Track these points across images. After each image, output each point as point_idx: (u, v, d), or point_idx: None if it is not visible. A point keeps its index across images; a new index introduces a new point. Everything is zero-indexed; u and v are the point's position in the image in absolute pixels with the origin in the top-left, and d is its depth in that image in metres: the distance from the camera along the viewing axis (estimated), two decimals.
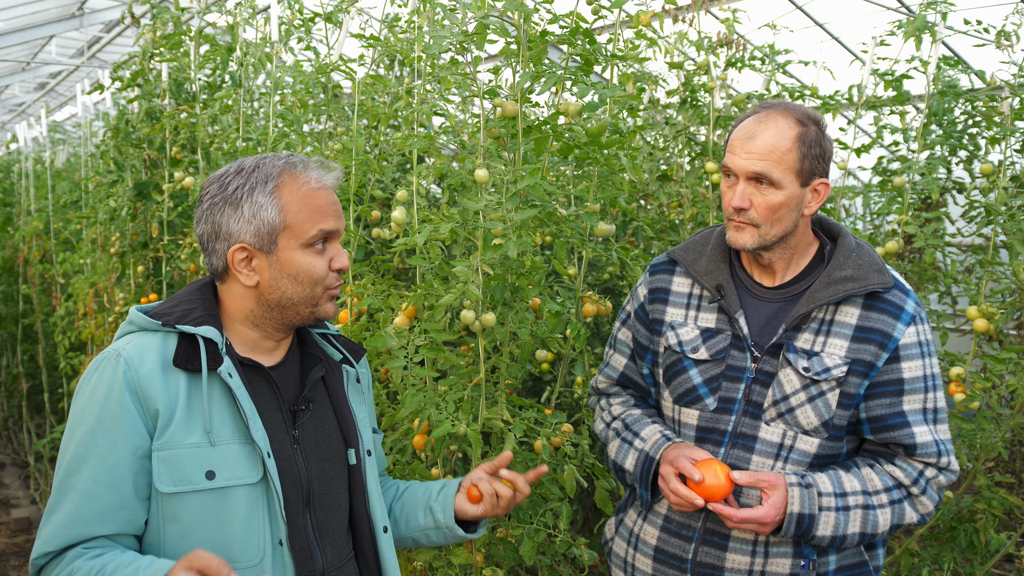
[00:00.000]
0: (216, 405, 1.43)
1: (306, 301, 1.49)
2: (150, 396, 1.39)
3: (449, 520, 1.67)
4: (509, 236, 1.96)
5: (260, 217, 1.45)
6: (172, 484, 1.39)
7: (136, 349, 1.42)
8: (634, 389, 2.00)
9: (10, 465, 6.49)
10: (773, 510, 1.66)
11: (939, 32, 3.06)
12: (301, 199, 1.46)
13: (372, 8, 3.86)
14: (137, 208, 3.86)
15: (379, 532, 1.60)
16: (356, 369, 1.65)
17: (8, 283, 6.64)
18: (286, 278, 1.47)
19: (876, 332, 1.71)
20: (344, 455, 1.58)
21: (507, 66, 2.19)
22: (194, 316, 1.46)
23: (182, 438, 1.39)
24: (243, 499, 1.42)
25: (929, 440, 1.71)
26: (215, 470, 1.40)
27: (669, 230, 3.47)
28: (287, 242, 1.46)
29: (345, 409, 1.60)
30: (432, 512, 1.68)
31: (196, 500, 1.39)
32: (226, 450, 1.41)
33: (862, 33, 5.35)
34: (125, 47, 10.54)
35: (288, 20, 3.39)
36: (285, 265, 1.47)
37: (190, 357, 1.42)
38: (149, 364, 1.41)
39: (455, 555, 1.99)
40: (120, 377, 1.39)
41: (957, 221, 3.62)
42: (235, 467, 1.42)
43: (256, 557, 1.42)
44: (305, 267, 1.47)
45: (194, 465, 1.39)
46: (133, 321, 1.48)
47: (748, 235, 1.74)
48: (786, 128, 1.70)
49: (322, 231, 1.47)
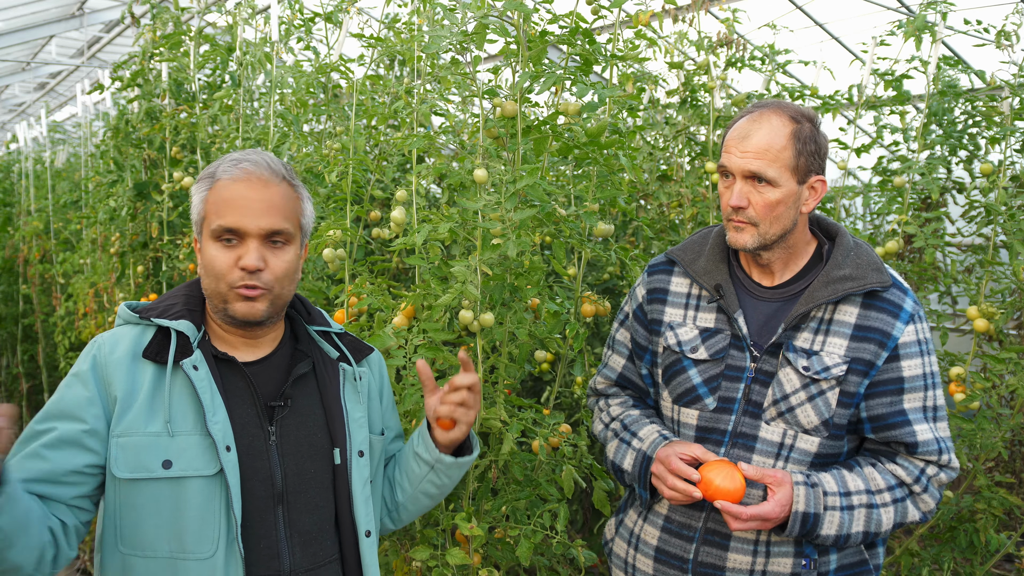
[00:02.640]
0: (179, 397, 1.46)
1: (216, 295, 1.51)
2: (111, 381, 1.46)
3: (436, 453, 1.67)
4: (508, 236, 1.96)
5: (193, 206, 1.54)
6: (128, 470, 1.43)
7: (112, 337, 1.51)
8: (632, 390, 2.00)
9: None
10: (779, 507, 1.65)
11: (939, 32, 3.06)
12: (216, 191, 1.51)
13: (372, 8, 3.87)
14: (137, 208, 3.86)
15: (361, 536, 1.58)
16: (354, 368, 1.64)
17: (8, 283, 6.64)
18: (202, 268, 1.53)
19: (875, 331, 1.72)
20: (330, 454, 1.57)
21: (507, 66, 2.19)
22: (173, 311, 1.53)
23: (141, 426, 1.44)
24: (198, 491, 1.43)
25: (930, 438, 1.72)
26: (172, 459, 1.43)
27: (669, 230, 3.47)
28: (204, 232, 1.52)
29: (336, 408, 1.58)
30: (419, 457, 1.69)
31: (152, 488, 1.43)
32: (185, 441, 1.44)
33: (862, 33, 5.35)
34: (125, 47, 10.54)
35: (288, 20, 3.40)
36: (203, 256, 1.53)
37: (160, 350, 1.48)
38: (119, 352, 1.48)
39: (451, 555, 1.99)
40: (90, 359, 1.48)
41: (957, 221, 3.62)
42: (192, 458, 1.43)
43: (209, 550, 1.43)
44: (209, 259, 1.50)
45: (151, 454, 1.43)
46: (120, 315, 1.56)
47: (748, 235, 1.75)
48: (780, 126, 1.71)
49: (222, 226, 1.48)
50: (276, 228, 1.49)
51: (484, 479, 2.22)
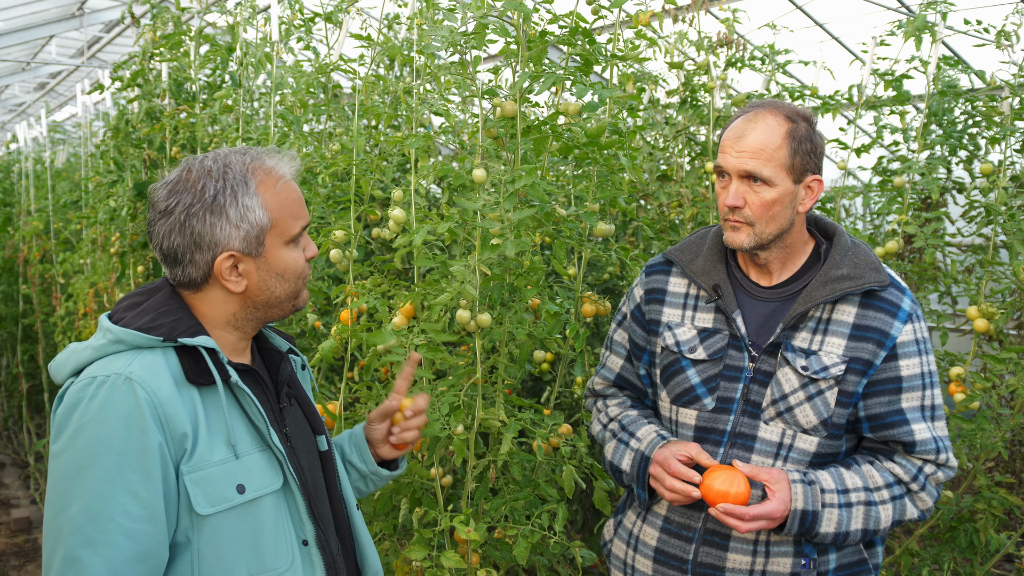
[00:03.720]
0: (233, 416, 1.41)
1: (289, 297, 1.48)
2: (174, 420, 1.32)
3: (373, 466, 1.72)
4: (507, 236, 1.95)
5: (249, 221, 1.39)
6: (209, 505, 1.34)
7: (146, 370, 1.32)
8: (630, 390, 2.00)
9: (10, 465, 6.49)
10: (782, 504, 1.65)
11: (939, 32, 3.06)
12: (279, 196, 1.43)
13: (372, 8, 3.86)
14: (137, 208, 3.86)
15: (352, 510, 1.63)
16: (301, 357, 1.67)
17: (8, 283, 6.64)
18: (274, 277, 1.45)
19: (873, 330, 1.72)
20: (315, 443, 1.60)
21: (507, 66, 2.19)
22: (184, 327, 1.39)
23: (209, 456, 1.35)
24: (271, 507, 1.42)
25: (928, 437, 1.72)
26: (244, 483, 1.38)
27: (669, 230, 3.47)
28: (273, 241, 1.43)
29: (305, 397, 1.61)
30: (351, 464, 1.73)
31: (231, 517, 1.37)
32: (250, 460, 1.40)
33: (862, 33, 5.35)
34: (125, 47, 10.54)
35: (288, 20, 3.39)
36: (272, 265, 1.44)
37: (201, 371, 1.37)
38: (165, 384, 1.33)
39: (445, 558, 1.99)
40: (141, 403, 1.29)
41: (957, 221, 3.62)
42: (261, 476, 1.41)
43: (287, 561, 1.43)
44: (291, 264, 1.46)
45: (224, 481, 1.36)
46: (123, 340, 1.36)
47: (744, 234, 1.75)
48: (775, 125, 1.71)
49: (302, 226, 1.46)
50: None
51: (483, 479, 2.22)
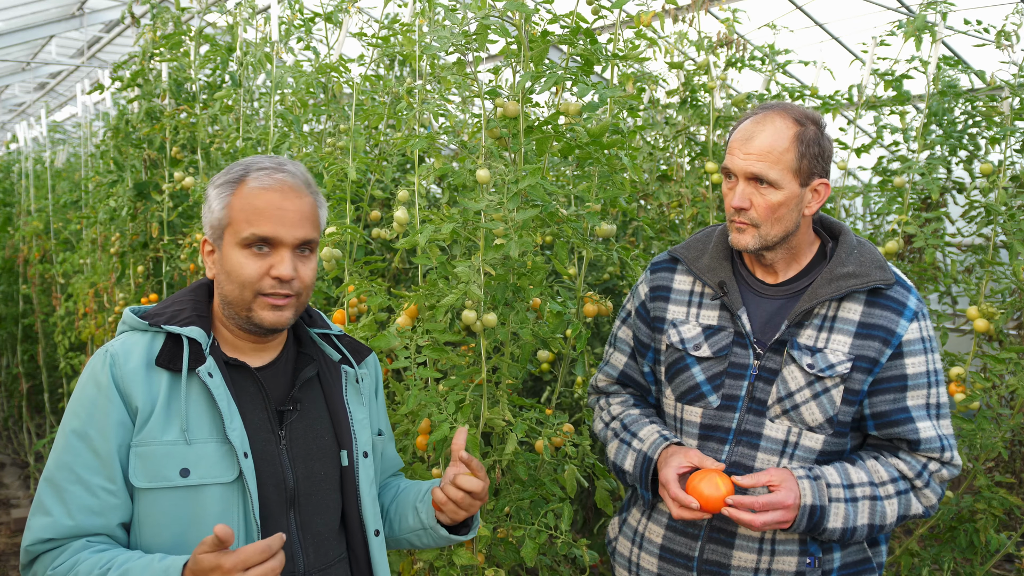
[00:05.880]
0: (195, 404, 1.45)
1: (239, 303, 1.48)
2: (131, 393, 1.43)
3: (431, 521, 1.64)
4: (511, 236, 1.96)
5: (212, 209, 1.50)
6: (147, 480, 1.41)
7: (123, 347, 1.47)
8: (634, 388, 2.00)
9: (10, 465, 6.49)
10: (791, 493, 1.65)
11: (939, 32, 3.06)
12: (244, 198, 1.47)
13: (372, 8, 3.86)
14: (137, 208, 3.86)
15: (370, 535, 1.60)
16: (356, 370, 1.64)
17: (8, 283, 6.63)
18: (224, 274, 1.49)
19: (879, 328, 1.72)
20: (337, 456, 1.58)
21: (508, 66, 2.19)
22: (182, 317, 1.49)
23: (159, 435, 1.42)
24: (217, 498, 1.42)
25: (933, 435, 1.73)
26: (190, 468, 1.42)
27: (669, 230, 3.47)
28: (228, 238, 1.48)
29: (341, 410, 1.59)
30: (418, 513, 1.66)
31: (170, 497, 1.41)
32: (202, 448, 1.43)
33: (862, 33, 5.35)
34: (125, 47, 10.54)
35: (288, 20, 3.40)
36: (224, 261, 1.49)
37: (173, 357, 1.45)
38: (134, 361, 1.45)
39: (457, 555, 1.99)
40: (108, 372, 1.44)
41: (957, 221, 3.62)
42: (210, 466, 1.43)
43: None
44: (235, 266, 1.47)
45: (169, 462, 1.41)
46: (125, 321, 1.52)
47: (749, 236, 1.75)
48: (783, 128, 1.71)
49: (255, 235, 1.45)
50: (308, 238, 1.49)
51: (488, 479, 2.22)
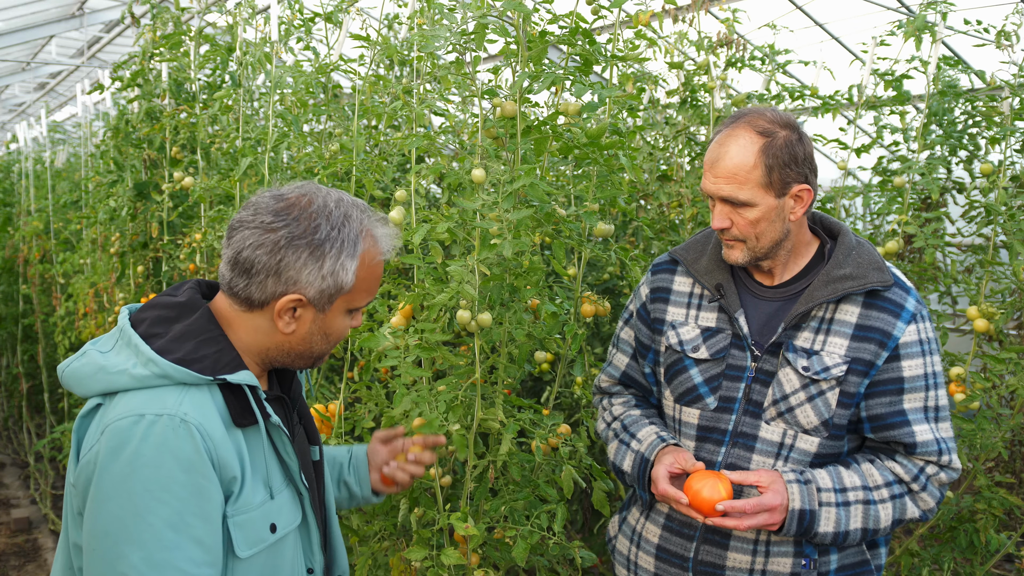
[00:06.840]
0: (269, 455, 1.38)
1: (322, 355, 1.46)
2: (227, 463, 1.28)
3: (367, 493, 1.76)
4: (505, 236, 1.95)
5: (338, 278, 1.35)
6: (248, 547, 1.32)
7: (198, 411, 1.27)
8: (636, 388, 2.00)
9: (10, 465, 6.49)
10: (778, 496, 1.65)
11: (939, 32, 3.06)
12: (370, 268, 1.40)
13: (372, 8, 3.86)
14: (137, 208, 3.86)
15: (332, 516, 1.63)
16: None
17: (8, 283, 6.64)
18: (320, 335, 1.41)
19: (876, 331, 1.71)
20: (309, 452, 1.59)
21: (506, 66, 2.18)
22: (226, 360, 1.33)
23: (252, 499, 1.33)
24: (291, 543, 1.42)
25: (930, 439, 1.71)
26: (276, 522, 1.37)
27: (669, 230, 3.47)
28: (339, 305, 1.40)
29: (305, 408, 1.59)
30: (347, 484, 1.74)
31: (262, 556, 1.35)
32: (280, 499, 1.39)
33: (862, 33, 5.34)
34: (125, 47, 10.54)
35: (288, 20, 3.39)
36: (327, 325, 1.41)
37: (243, 411, 1.33)
38: (218, 428, 1.28)
39: (446, 555, 1.98)
40: (200, 447, 1.24)
41: (957, 221, 3.61)
42: (288, 514, 1.40)
43: None
44: (340, 330, 1.43)
45: (262, 522, 1.34)
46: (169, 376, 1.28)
47: (739, 251, 1.76)
48: (747, 144, 1.68)
49: (368, 301, 1.45)
50: None
51: (482, 479, 2.22)
